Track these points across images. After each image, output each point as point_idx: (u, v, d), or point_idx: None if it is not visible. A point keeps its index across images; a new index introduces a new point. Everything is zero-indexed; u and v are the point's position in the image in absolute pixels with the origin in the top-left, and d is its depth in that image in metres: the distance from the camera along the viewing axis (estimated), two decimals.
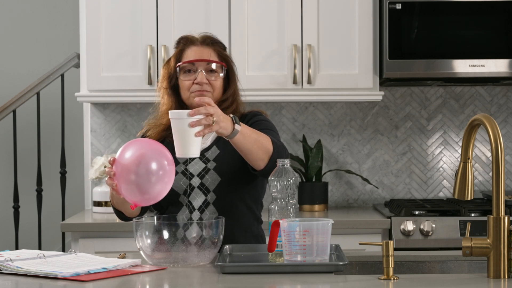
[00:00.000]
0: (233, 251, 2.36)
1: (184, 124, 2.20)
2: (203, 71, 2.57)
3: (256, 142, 2.36)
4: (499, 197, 1.98)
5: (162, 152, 2.25)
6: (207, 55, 2.60)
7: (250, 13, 3.77)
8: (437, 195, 4.15)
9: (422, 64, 3.71)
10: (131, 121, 4.12)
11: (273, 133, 2.57)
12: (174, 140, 2.24)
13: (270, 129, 2.59)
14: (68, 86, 4.66)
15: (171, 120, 2.24)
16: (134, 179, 2.20)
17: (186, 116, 2.20)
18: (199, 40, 2.63)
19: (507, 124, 4.16)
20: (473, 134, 2.08)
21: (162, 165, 2.22)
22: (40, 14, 5.57)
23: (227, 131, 2.27)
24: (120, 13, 3.77)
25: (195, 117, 2.20)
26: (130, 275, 2.09)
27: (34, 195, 4.55)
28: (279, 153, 2.41)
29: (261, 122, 2.61)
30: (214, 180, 2.54)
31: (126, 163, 2.22)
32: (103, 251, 3.34)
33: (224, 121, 2.25)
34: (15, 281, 2.04)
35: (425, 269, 2.37)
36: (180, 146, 2.22)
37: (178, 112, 2.24)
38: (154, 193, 2.23)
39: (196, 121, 2.20)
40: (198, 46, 2.61)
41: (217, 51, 2.63)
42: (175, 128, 2.23)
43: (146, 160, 2.21)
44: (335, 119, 4.15)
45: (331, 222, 2.12)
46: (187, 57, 2.61)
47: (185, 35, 2.66)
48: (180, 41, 2.66)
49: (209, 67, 2.59)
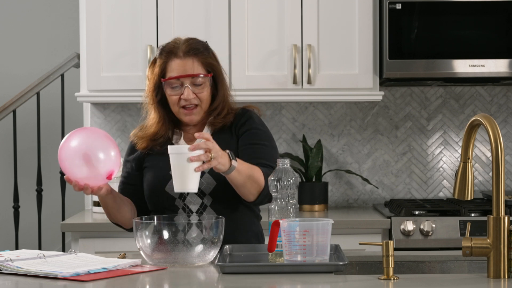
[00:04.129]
0: (233, 251, 2.36)
1: (183, 159, 2.24)
2: (188, 86, 2.52)
3: (250, 178, 2.41)
4: (499, 197, 1.98)
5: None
6: (191, 68, 2.52)
7: (250, 13, 3.77)
8: (437, 195, 4.15)
9: (422, 64, 3.71)
10: (131, 121, 4.12)
11: (268, 149, 2.57)
12: (173, 174, 2.27)
13: (265, 141, 2.58)
14: (68, 86, 4.67)
15: (170, 155, 2.27)
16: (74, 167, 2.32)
17: (186, 151, 2.24)
18: (182, 50, 2.53)
19: (507, 124, 4.16)
20: (473, 134, 2.08)
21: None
22: (40, 14, 5.57)
23: (225, 167, 2.32)
24: (120, 13, 3.77)
25: (195, 152, 2.23)
26: (130, 275, 2.09)
27: (34, 195, 4.55)
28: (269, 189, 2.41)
29: (256, 133, 2.59)
30: (209, 184, 2.53)
31: (62, 161, 2.34)
32: (103, 251, 3.34)
33: (222, 157, 2.30)
34: (15, 281, 2.04)
35: (425, 269, 2.37)
36: (179, 180, 2.26)
37: (178, 147, 2.27)
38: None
39: (195, 156, 2.23)
40: (181, 58, 2.53)
41: (202, 60, 2.55)
42: (174, 163, 2.26)
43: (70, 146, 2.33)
44: (335, 119, 4.15)
45: (331, 222, 2.12)
46: (171, 71, 2.53)
47: (167, 45, 2.58)
48: (162, 52, 2.57)
49: (195, 81, 2.53)
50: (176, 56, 2.54)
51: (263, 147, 2.57)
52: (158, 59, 2.57)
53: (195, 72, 2.52)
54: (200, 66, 2.54)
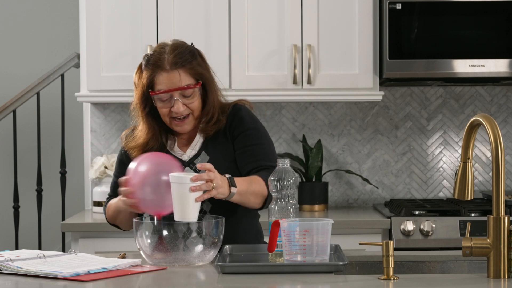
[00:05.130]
0: (233, 251, 2.36)
1: (185, 189, 2.23)
2: (178, 99, 2.48)
3: (252, 194, 2.43)
4: (499, 197, 1.98)
5: (172, 163, 2.34)
6: (178, 81, 2.47)
7: (250, 13, 3.76)
8: (437, 195, 4.15)
9: (422, 64, 3.71)
10: (131, 121, 4.11)
11: (265, 148, 2.56)
12: (173, 203, 2.26)
13: (260, 140, 2.57)
14: (68, 86, 4.66)
15: (171, 184, 2.26)
16: (151, 191, 2.27)
17: (188, 182, 2.23)
18: (168, 62, 2.46)
19: (507, 124, 4.16)
20: (473, 134, 2.08)
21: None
22: (40, 14, 5.57)
23: (225, 195, 2.34)
24: (120, 13, 3.77)
25: (197, 182, 2.23)
26: (130, 275, 2.09)
27: (34, 195, 4.55)
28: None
29: (249, 135, 2.57)
30: None
31: (141, 178, 2.29)
32: (103, 251, 3.34)
33: (223, 186, 2.30)
34: (15, 281, 2.04)
35: (425, 269, 2.37)
36: (179, 209, 2.25)
37: (180, 177, 2.25)
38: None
39: (197, 187, 2.23)
40: (167, 72, 2.46)
41: (189, 71, 2.49)
42: (176, 192, 2.25)
43: (160, 171, 2.28)
44: (335, 119, 4.15)
45: (331, 222, 2.12)
46: (158, 84, 2.48)
47: (152, 56, 2.50)
48: (148, 64, 2.50)
49: (184, 93, 2.49)
50: (163, 69, 2.47)
51: (259, 147, 2.56)
52: (145, 71, 2.52)
53: (183, 84, 2.48)
54: (188, 76, 2.49)
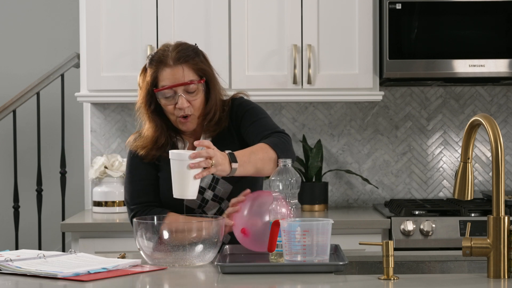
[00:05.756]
0: (233, 251, 2.36)
1: (184, 166, 2.23)
2: (182, 95, 2.48)
3: (259, 161, 2.37)
4: (499, 197, 1.98)
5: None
6: (182, 76, 2.48)
7: (250, 13, 3.76)
8: (437, 195, 4.15)
9: (422, 64, 3.71)
10: (131, 121, 4.12)
11: (267, 119, 2.57)
12: (173, 180, 2.26)
13: (261, 114, 2.58)
14: (68, 86, 4.66)
15: (171, 160, 2.25)
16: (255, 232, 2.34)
17: (186, 158, 2.22)
18: (171, 58, 2.48)
19: (507, 124, 4.16)
20: (473, 134, 2.08)
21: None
22: (40, 14, 5.57)
23: (226, 172, 2.30)
24: (120, 13, 3.77)
25: (196, 159, 2.22)
26: (130, 275, 2.09)
27: (34, 195, 4.55)
28: (282, 149, 2.40)
29: (250, 112, 2.58)
30: (226, 189, 2.53)
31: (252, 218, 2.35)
32: (103, 251, 3.34)
33: (222, 163, 2.27)
34: (15, 281, 2.04)
35: (425, 269, 2.37)
36: (178, 187, 2.25)
37: (179, 153, 2.25)
38: None
39: (195, 163, 2.22)
40: (171, 67, 2.48)
41: (192, 66, 2.50)
42: (175, 169, 2.25)
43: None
44: (335, 119, 4.15)
45: (331, 222, 2.12)
46: (162, 80, 2.49)
47: (156, 54, 2.53)
48: (152, 61, 2.52)
49: (188, 88, 2.49)
50: (166, 65, 2.49)
51: (262, 120, 2.56)
52: (149, 68, 2.53)
53: (186, 80, 2.48)
54: (192, 72, 2.50)
